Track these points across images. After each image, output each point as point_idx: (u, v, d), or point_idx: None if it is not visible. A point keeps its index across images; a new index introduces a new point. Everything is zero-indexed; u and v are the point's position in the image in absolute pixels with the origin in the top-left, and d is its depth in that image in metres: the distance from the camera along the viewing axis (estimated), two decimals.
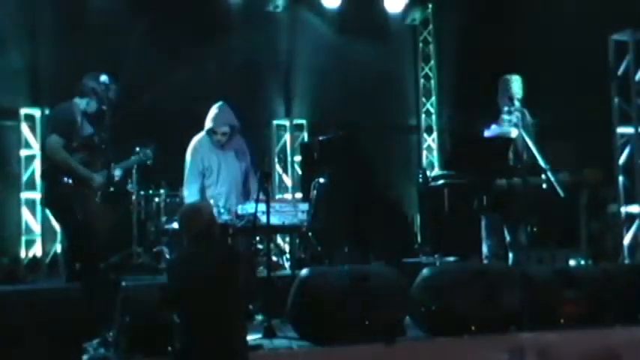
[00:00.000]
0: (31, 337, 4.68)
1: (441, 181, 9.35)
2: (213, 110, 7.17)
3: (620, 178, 9.21)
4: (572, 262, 8.66)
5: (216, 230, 5.06)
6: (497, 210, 7.00)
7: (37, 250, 9.64)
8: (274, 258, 8.20)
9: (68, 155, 6.08)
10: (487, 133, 7.14)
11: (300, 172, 11.05)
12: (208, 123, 7.15)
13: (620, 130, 9.26)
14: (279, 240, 9.01)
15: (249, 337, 5.13)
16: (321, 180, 8.20)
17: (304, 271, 5.77)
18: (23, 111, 9.72)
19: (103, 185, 6.14)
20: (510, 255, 7.09)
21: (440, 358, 5.63)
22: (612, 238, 9.47)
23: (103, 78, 6.07)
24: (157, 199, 8.85)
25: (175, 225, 8.45)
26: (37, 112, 9.71)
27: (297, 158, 11.22)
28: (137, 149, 7.09)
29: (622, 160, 9.22)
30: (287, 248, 8.78)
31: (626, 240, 9.12)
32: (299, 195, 9.71)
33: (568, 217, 8.47)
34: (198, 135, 7.26)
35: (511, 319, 5.98)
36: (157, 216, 8.79)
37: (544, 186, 6.86)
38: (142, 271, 8.13)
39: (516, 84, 7.15)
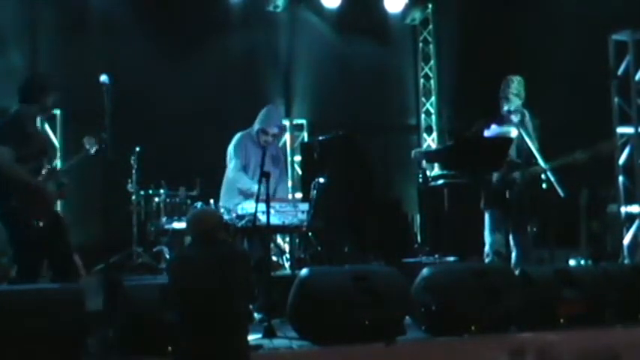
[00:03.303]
0: (31, 337, 4.68)
1: (441, 181, 9.39)
2: (266, 111, 7.31)
3: (620, 178, 9.22)
4: (572, 262, 8.66)
5: (221, 234, 5.07)
6: (500, 205, 7.00)
7: None
8: (274, 258, 8.20)
9: (18, 167, 5.89)
10: (487, 133, 7.14)
11: (300, 172, 11.05)
12: (259, 122, 7.24)
13: (620, 130, 9.27)
14: (279, 240, 9.01)
15: (249, 337, 5.12)
16: (321, 180, 8.19)
17: (304, 271, 5.76)
18: None
19: (56, 194, 6.11)
20: (514, 254, 7.07)
21: (440, 358, 5.61)
22: (612, 238, 9.47)
23: (103, 78, 6.02)
24: (157, 199, 8.85)
25: (175, 225, 8.49)
26: None
27: (297, 158, 11.23)
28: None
29: (622, 160, 9.23)
30: (287, 248, 8.78)
31: (626, 240, 9.13)
32: (299, 195, 9.70)
33: (568, 217, 8.46)
34: (242, 132, 7.35)
35: (511, 319, 5.99)
36: (157, 216, 8.79)
37: (544, 186, 6.85)
38: (142, 271, 8.13)
39: (514, 84, 7.15)
